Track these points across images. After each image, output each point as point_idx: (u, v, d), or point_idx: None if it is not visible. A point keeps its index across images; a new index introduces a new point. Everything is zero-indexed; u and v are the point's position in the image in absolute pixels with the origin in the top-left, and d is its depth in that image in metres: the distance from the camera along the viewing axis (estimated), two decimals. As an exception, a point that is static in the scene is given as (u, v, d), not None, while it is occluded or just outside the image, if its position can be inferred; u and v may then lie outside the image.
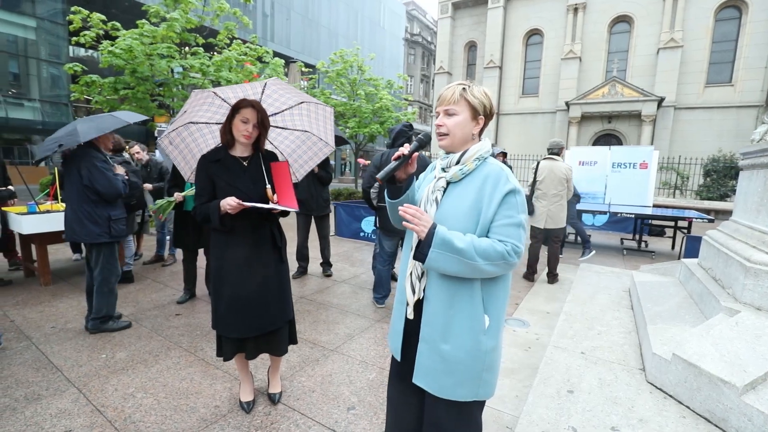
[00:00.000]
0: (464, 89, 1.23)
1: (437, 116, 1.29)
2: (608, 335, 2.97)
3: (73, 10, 7.88)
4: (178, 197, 3.59)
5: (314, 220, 4.71)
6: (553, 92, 20.13)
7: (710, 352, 2.08)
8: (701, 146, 16.50)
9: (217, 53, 9.09)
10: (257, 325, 1.98)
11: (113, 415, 2.08)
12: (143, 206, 4.72)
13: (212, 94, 2.06)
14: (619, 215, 7.28)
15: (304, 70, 12.52)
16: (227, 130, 1.95)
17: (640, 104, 17.23)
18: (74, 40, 8.09)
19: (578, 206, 6.56)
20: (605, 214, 7.72)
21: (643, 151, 8.05)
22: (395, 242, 3.73)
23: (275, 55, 10.36)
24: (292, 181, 2.04)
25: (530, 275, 4.82)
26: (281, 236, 2.13)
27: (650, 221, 7.44)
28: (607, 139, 18.57)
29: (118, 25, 7.93)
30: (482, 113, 1.25)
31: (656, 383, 2.27)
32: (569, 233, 6.60)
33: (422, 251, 1.17)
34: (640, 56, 18.26)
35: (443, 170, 1.30)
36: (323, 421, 2.07)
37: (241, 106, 1.91)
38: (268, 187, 1.99)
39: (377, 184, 3.48)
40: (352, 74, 12.68)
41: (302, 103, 2.28)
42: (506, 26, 21.26)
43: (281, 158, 2.41)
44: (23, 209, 4.19)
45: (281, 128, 2.37)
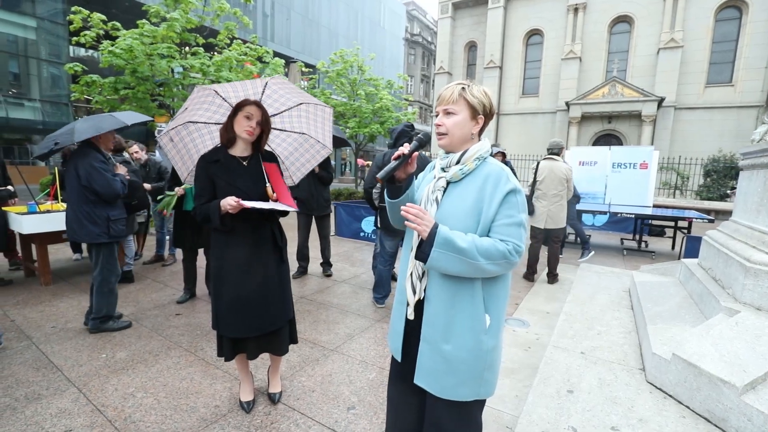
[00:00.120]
0: (463, 89, 1.23)
1: (437, 116, 1.29)
2: (608, 335, 2.97)
3: (73, 10, 7.88)
4: (179, 191, 3.65)
5: (315, 220, 4.72)
6: (553, 92, 20.12)
7: (710, 352, 2.08)
8: (701, 146, 16.49)
9: (217, 53, 9.08)
10: (258, 325, 1.98)
11: (113, 414, 2.08)
12: (146, 206, 4.72)
13: (213, 92, 2.06)
14: (619, 215, 7.28)
15: (304, 70, 12.51)
16: (228, 128, 1.95)
17: (640, 104, 17.21)
18: (74, 40, 8.10)
19: (578, 206, 6.56)
20: (605, 214, 7.72)
21: (643, 151, 8.05)
22: (396, 242, 3.73)
23: (275, 55, 10.35)
24: (284, 180, 2.05)
25: (530, 275, 4.82)
26: (282, 236, 2.13)
27: (650, 221, 7.44)
28: (607, 139, 18.55)
29: (118, 25, 7.93)
30: (482, 113, 1.24)
31: (656, 383, 2.27)
32: (569, 233, 6.60)
33: (424, 251, 1.17)
34: (640, 56, 18.25)
35: (443, 170, 1.30)
36: (323, 420, 2.08)
37: (244, 104, 1.92)
38: (268, 185, 1.99)
39: (379, 184, 3.48)
40: (352, 74, 12.67)
41: (301, 104, 2.28)
42: (506, 26, 21.25)
43: (279, 160, 2.41)
44: (23, 209, 4.20)
45: (279, 130, 2.37)
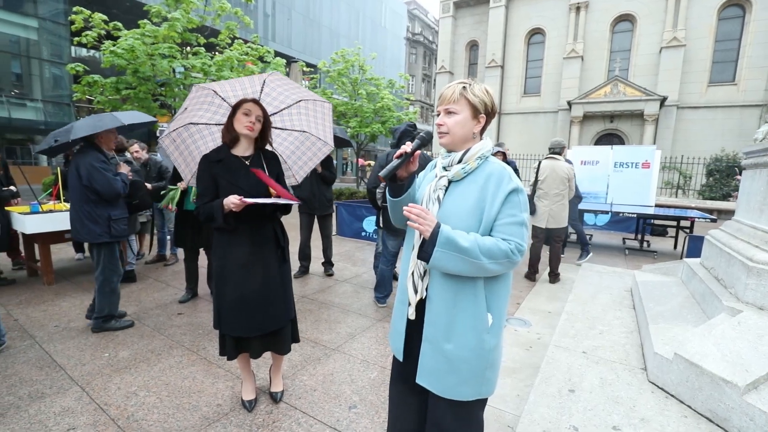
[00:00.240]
0: (464, 88, 1.23)
1: (438, 115, 1.29)
2: (610, 335, 2.96)
3: (74, 10, 7.91)
4: (182, 185, 3.66)
5: (317, 219, 4.72)
6: (555, 91, 20.07)
7: (712, 351, 2.08)
8: (704, 146, 16.43)
9: (218, 53, 9.11)
10: (260, 324, 1.99)
11: (116, 413, 2.09)
12: (148, 206, 4.73)
13: (212, 92, 2.06)
14: (621, 215, 7.25)
15: (305, 69, 12.53)
16: (229, 128, 1.96)
17: (642, 103, 17.16)
18: (76, 40, 8.14)
19: (580, 206, 6.54)
20: (607, 213, 7.69)
21: (645, 150, 8.02)
22: (399, 242, 3.73)
23: (276, 54, 10.38)
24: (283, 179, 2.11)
25: (532, 275, 4.82)
26: (284, 236, 2.13)
27: (652, 221, 7.41)
28: (609, 138, 18.50)
29: (119, 25, 7.96)
30: (483, 112, 1.24)
31: (658, 383, 2.26)
32: (571, 233, 6.59)
33: (426, 250, 1.17)
34: (642, 55, 18.18)
35: (444, 169, 1.30)
36: (325, 419, 2.08)
37: (242, 102, 1.93)
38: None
39: (383, 183, 3.48)
40: (353, 74, 12.68)
41: (300, 101, 2.28)
42: (508, 25, 21.21)
43: (280, 160, 2.42)
44: (26, 209, 4.22)
45: (280, 129, 2.37)
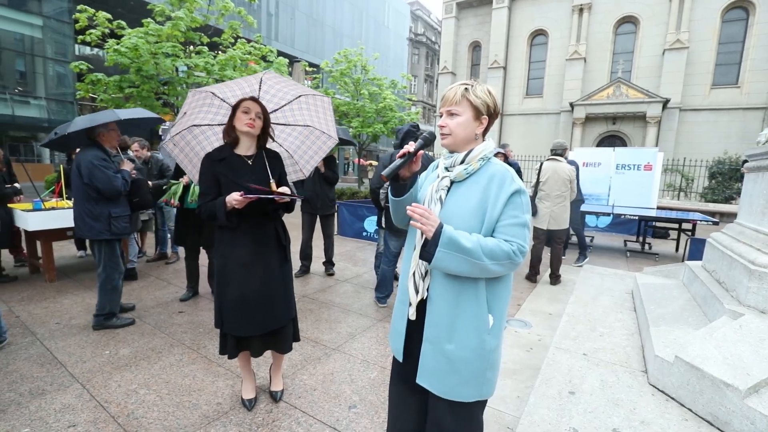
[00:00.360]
0: (466, 89, 1.22)
1: (440, 117, 1.29)
2: (611, 337, 2.96)
3: (79, 8, 7.95)
4: (184, 179, 3.68)
5: (319, 219, 4.73)
6: (557, 93, 20.03)
7: (713, 354, 2.07)
8: (707, 148, 16.37)
9: (221, 52, 9.13)
10: (261, 323, 1.99)
11: (116, 410, 2.10)
12: (149, 205, 4.74)
13: (210, 94, 2.07)
14: (622, 217, 7.25)
15: (308, 69, 12.55)
16: (230, 128, 1.97)
17: (645, 105, 17.10)
18: (80, 38, 8.16)
19: (581, 207, 6.53)
20: (609, 215, 7.68)
21: (647, 152, 8.00)
22: (401, 242, 3.72)
23: (279, 54, 10.39)
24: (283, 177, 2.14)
25: (533, 276, 4.81)
26: (285, 235, 2.14)
27: (654, 223, 7.40)
28: (611, 140, 18.46)
29: (123, 23, 7.99)
30: (485, 113, 1.24)
31: (658, 385, 2.26)
32: (572, 234, 6.58)
33: (429, 251, 1.17)
34: (645, 57, 18.13)
35: (447, 169, 1.30)
36: (324, 419, 2.08)
37: (240, 101, 1.95)
38: (272, 181, 2.01)
39: (386, 183, 3.48)
40: (356, 74, 12.69)
41: (300, 96, 2.28)
42: (511, 26, 21.19)
43: (286, 156, 2.42)
44: (29, 206, 4.24)
45: (283, 125, 2.38)
